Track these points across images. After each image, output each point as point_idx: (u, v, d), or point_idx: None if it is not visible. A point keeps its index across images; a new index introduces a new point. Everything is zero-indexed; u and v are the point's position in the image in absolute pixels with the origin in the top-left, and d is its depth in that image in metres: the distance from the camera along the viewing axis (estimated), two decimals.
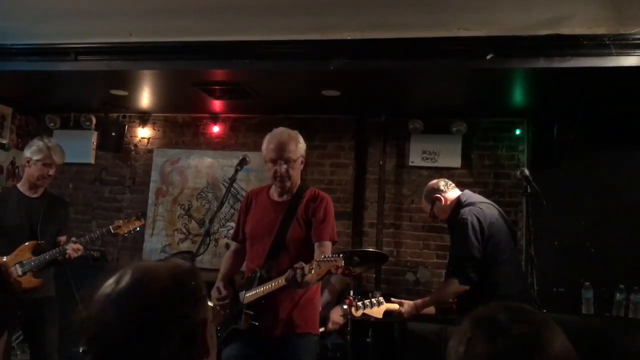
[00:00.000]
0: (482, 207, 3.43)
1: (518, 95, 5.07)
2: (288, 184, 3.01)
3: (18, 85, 5.88)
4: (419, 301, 3.42)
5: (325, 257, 2.65)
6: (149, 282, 1.07)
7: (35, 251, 3.74)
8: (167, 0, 4.08)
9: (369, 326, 4.54)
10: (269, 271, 2.90)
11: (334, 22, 4.20)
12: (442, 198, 3.61)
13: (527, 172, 3.30)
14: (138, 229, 4.02)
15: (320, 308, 3.25)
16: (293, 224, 2.98)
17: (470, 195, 3.60)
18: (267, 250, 2.96)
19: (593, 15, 3.88)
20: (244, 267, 3.19)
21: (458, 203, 3.50)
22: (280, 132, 3.07)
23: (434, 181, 3.77)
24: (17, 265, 3.66)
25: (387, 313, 3.38)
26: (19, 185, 3.95)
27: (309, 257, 2.95)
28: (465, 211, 3.36)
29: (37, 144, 3.87)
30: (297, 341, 2.92)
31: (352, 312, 3.28)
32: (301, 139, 3.09)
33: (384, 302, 3.38)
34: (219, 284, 3.06)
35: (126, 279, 1.08)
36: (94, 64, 4.92)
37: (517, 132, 5.62)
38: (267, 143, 3.03)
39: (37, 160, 3.81)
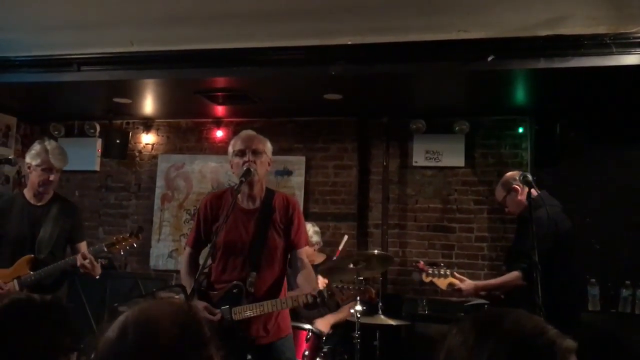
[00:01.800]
0: (559, 211, 3.52)
1: (520, 95, 5.08)
2: (256, 177, 2.91)
3: (22, 96, 5.92)
4: (480, 283, 3.56)
5: (350, 285, 2.72)
6: (155, 335, 1.06)
7: (34, 266, 3.51)
8: (168, 9, 4.09)
9: (376, 329, 4.57)
10: (251, 284, 2.89)
11: (335, 27, 4.21)
12: (519, 189, 3.63)
13: (529, 177, 3.32)
14: (135, 245, 3.59)
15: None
16: (270, 233, 2.96)
17: (547, 196, 3.60)
18: (247, 262, 2.93)
19: (593, 15, 3.88)
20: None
21: (536, 201, 3.48)
22: (248, 130, 3.12)
23: (515, 172, 3.80)
24: (15, 281, 3.46)
25: (450, 286, 3.54)
26: (25, 192, 3.72)
27: (284, 265, 3.05)
28: (544, 210, 3.38)
29: (35, 148, 3.63)
30: (282, 344, 3.00)
31: (422, 278, 3.52)
32: (269, 143, 3.07)
33: (449, 275, 3.54)
34: (202, 303, 2.88)
35: (130, 333, 1.07)
36: (97, 74, 4.95)
37: (520, 130, 5.62)
38: (234, 139, 3.04)
39: (36, 166, 3.58)
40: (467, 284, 3.53)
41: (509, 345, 1.06)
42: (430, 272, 3.53)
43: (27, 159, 3.64)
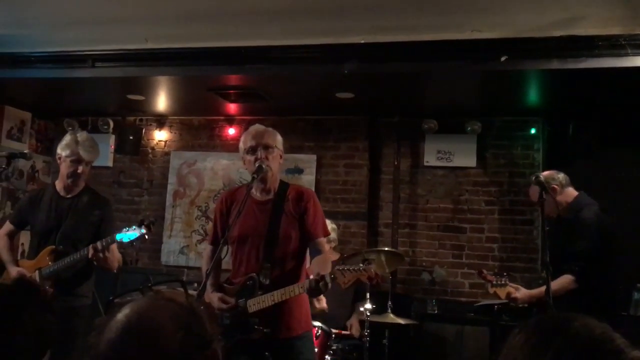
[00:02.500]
0: (598, 211, 3.47)
1: (532, 96, 5.06)
2: (269, 173, 2.90)
3: (37, 91, 5.99)
4: (534, 291, 3.46)
5: (351, 267, 2.59)
6: (159, 341, 1.04)
7: (56, 257, 3.46)
8: (182, 6, 4.12)
9: (385, 327, 4.58)
10: (266, 276, 2.85)
11: (347, 26, 4.22)
12: (557, 189, 3.54)
13: (541, 177, 3.29)
14: (146, 237, 3.40)
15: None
16: (283, 224, 2.91)
17: (586, 196, 3.57)
18: (261, 254, 2.90)
19: (608, 15, 3.86)
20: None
21: (577, 202, 3.47)
22: (257, 125, 3.06)
23: (553, 171, 3.69)
24: (37, 272, 3.44)
25: (508, 295, 3.48)
26: (56, 183, 3.68)
27: (302, 256, 2.98)
28: (591, 212, 3.36)
29: (66, 139, 3.59)
30: (300, 342, 2.91)
31: (487, 288, 3.49)
32: (279, 135, 3.04)
33: (507, 285, 3.48)
34: (218, 295, 2.91)
35: (133, 338, 1.05)
36: (111, 70, 4.99)
37: (532, 131, 5.60)
38: (245, 136, 3.00)
39: (65, 157, 3.54)
40: (522, 292, 3.45)
41: (575, 349, 1.03)
42: (495, 282, 3.46)
43: (58, 150, 3.60)
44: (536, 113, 5.49)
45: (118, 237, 3.29)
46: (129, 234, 3.29)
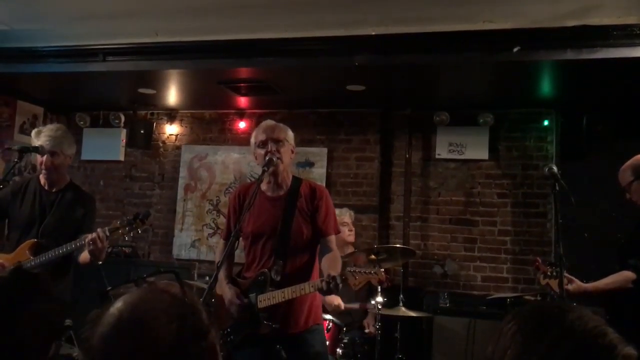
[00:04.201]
0: None
1: (546, 87, 5.00)
2: (281, 166, 2.91)
3: (49, 86, 6.01)
4: (589, 285, 3.26)
5: (362, 269, 2.62)
6: (153, 333, 1.02)
7: (35, 251, 3.32)
8: (192, 0, 4.12)
9: (397, 320, 4.57)
10: (277, 272, 2.87)
11: (358, 17, 4.19)
12: None
13: (555, 169, 3.20)
14: (140, 231, 3.30)
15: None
16: (295, 220, 2.93)
17: None
18: (273, 250, 2.92)
19: (623, 5, 3.81)
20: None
21: None
22: (268, 120, 3.08)
23: None
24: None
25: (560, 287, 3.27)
26: (40, 177, 3.57)
27: (314, 253, 2.99)
28: None
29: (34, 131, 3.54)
30: (311, 336, 2.93)
31: (539, 279, 3.31)
32: (290, 130, 3.04)
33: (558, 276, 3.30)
34: (230, 289, 2.94)
35: (126, 331, 1.03)
36: (122, 64, 5.00)
37: (545, 123, 5.54)
38: (256, 131, 3.02)
39: (34, 149, 3.47)
40: (575, 286, 3.21)
41: (569, 341, 1.03)
42: (549, 273, 3.22)
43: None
44: (549, 104, 5.43)
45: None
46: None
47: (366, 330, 4.52)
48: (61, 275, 3.44)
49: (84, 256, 3.28)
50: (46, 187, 3.53)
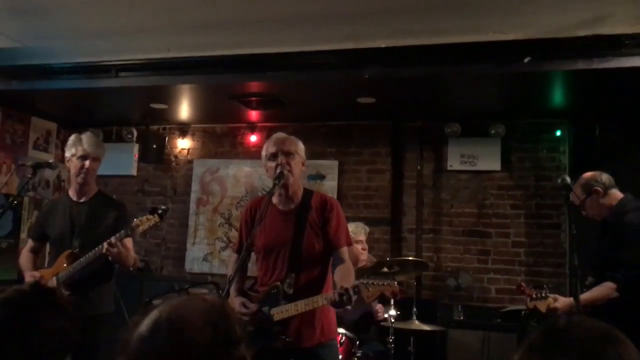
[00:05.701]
0: None
1: (558, 97, 4.98)
2: (291, 179, 2.90)
3: (62, 102, 6.08)
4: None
5: (375, 281, 2.61)
6: (187, 333, 1.06)
7: (72, 261, 3.37)
8: (203, 16, 4.14)
9: (411, 334, 4.53)
10: (290, 285, 2.85)
11: (368, 30, 4.20)
12: (601, 192, 3.38)
13: (568, 179, 3.18)
14: (158, 224, 3.35)
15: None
16: (307, 233, 2.91)
17: (633, 198, 3.40)
18: (286, 264, 2.90)
19: (635, 14, 3.78)
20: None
21: (622, 205, 3.32)
22: (279, 133, 3.07)
23: (596, 172, 3.50)
24: (54, 278, 3.36)
25: (548, 308, 3.34)
26: (69, 191, 3.67)
27: (327, 266, 2.97)
28: (637, 216, 3.21)
29: (70, 140, 3.60)
30: (324, 350, 2.91)
31: (526, 303, 3.37)
32: (301, 143, 3.04)
33: (548, 297, 3.34)
34: (240, 300, 2.92)
35: (163, 330, 1.07)
36: (134, 79, 5.04)
37: (558, 133, 5.51)
38: (266, 144, 3.02)
39: (71, 156, 3.53)
40: (562, 302, 3.30)
41: (575, 353, 1.05)
42: (534, 296, 3.31)
43: (65, 154, 3.60)
44: (561, 115, 5.40)
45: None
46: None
47: (379, 314, 4.45)
48: (102, 280, 3.51)
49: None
50: (75, 199, 3.58)
